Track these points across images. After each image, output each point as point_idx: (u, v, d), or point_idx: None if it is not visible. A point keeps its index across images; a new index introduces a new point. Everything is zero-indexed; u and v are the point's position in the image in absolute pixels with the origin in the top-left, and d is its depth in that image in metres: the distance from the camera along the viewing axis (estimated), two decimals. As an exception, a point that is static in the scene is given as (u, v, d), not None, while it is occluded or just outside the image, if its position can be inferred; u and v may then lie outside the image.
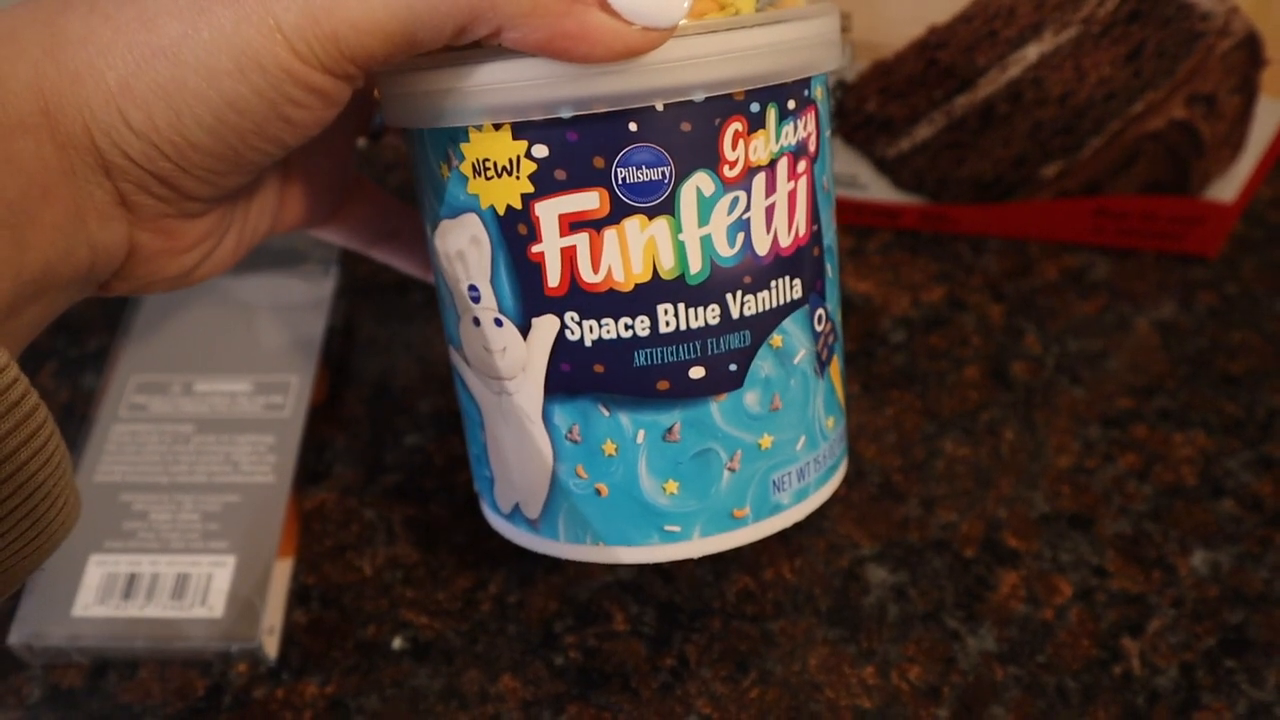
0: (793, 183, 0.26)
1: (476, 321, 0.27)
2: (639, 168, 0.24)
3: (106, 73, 0.21)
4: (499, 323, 0.26)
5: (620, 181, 0.24)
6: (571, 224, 0.24)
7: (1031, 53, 0.37)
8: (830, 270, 0.28)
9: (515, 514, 0.29)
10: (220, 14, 0.21)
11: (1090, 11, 0.35)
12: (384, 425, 0.38)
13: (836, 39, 0.25)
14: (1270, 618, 0.34)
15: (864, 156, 0.41)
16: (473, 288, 0.27)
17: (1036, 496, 0.36)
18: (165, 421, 0.36)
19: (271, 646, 0.32)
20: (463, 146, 0.25)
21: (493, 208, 0.25)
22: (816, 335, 0.28)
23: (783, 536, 0.35)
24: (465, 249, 0.26)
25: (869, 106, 0.39)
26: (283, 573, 0.34)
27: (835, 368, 0.29)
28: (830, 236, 0.28)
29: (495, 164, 0.24)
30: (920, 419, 0.38)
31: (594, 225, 0.24)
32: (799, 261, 0.26)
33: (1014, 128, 0.39)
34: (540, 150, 0.24)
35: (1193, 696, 0.32)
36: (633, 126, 0.23)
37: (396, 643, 0.33)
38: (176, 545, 0.33)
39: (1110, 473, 0.37)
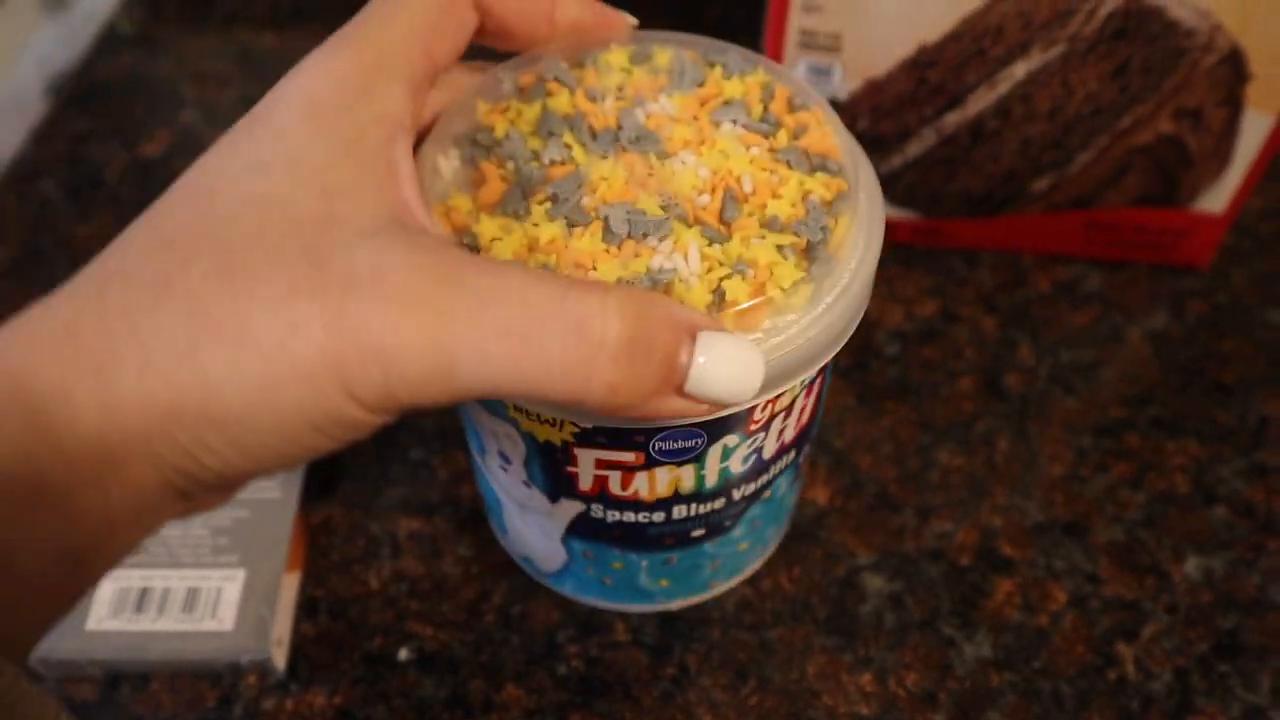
0: (807, 400, 0.28)
1: (506, 470, 0.29)
2: (675, 440, 0.26)
3: (192, 387, 0.19)
4: (528, 485, 0.29)
5: (656, 450, 0.26)
6: (606, 465, 0.27)
7: (1020, 70, 0.37)
8: (819, 417, 0.31)
9: (527, 560, 0.34)
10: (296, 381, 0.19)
11: (1076, 29, 0.36)
12: (388, 440, 0.39)
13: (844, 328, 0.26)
14: (1263, 622, 0.34)
15: (858, 173, 0.42)
16: (504, 456, 0.29)
17: (1030, 505, 0.37)
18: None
19: (280, 658, 0.33)
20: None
21: (533, 435, 0.27)
22: (798, 472, 0.32)
23: (781, 546, 0.36)
24: (500, 435, 0.28)
25: (861, 124, 0.40)
26: (291, 586, 0.35)
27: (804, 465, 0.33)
28: (822, 402, 0.31)
29: (540, 416, 0.26)
30: (915, 430, 0.39)
31: (628, 470, 0.27)
32: (800, 440, 0.30)
33: (1004, 143, 0.40)
34: (586, 424, 0.25)
35: (1187, 701, 0.33)
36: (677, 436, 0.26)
37: (402, 653, 0.34)
38: (187, 560, 0.34)
39: (1103, 481, 0.38)
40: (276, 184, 0.20)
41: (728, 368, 0.20)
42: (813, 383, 0.27)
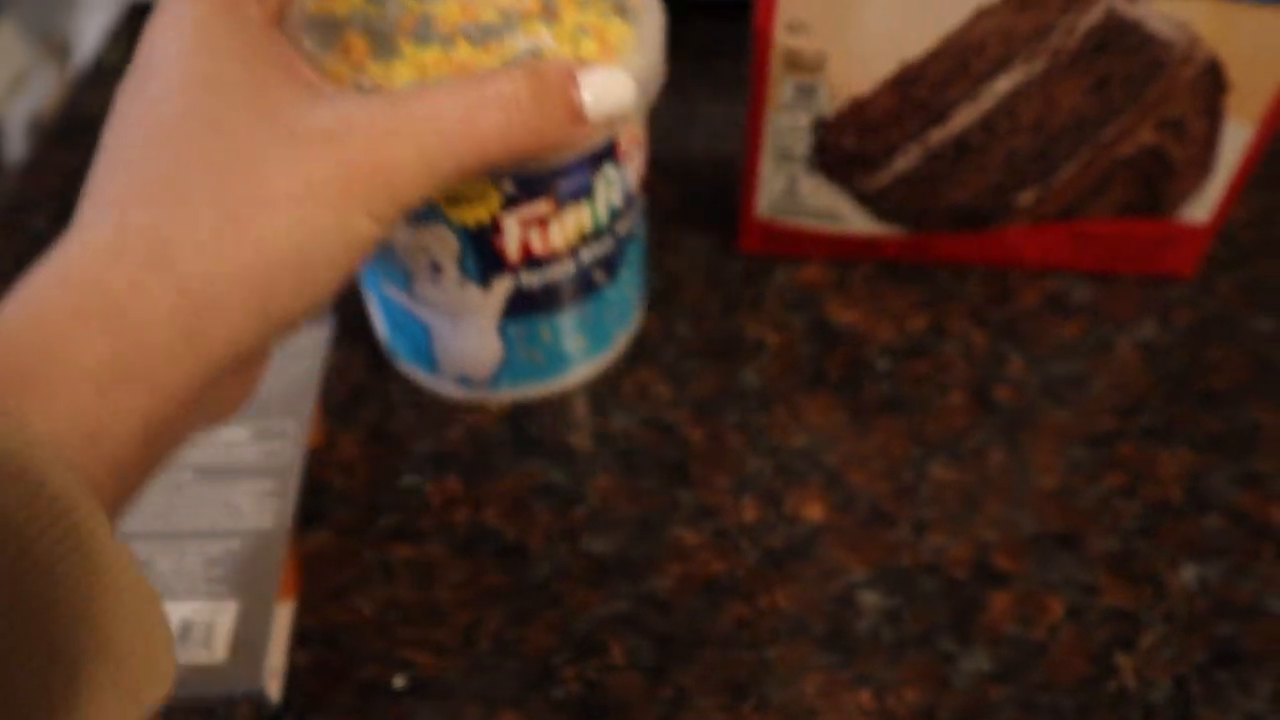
0: (644, 138, 0.36)
1: (435, 283, 0.35)
2: (574, 176, 0.33)
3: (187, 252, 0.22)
4: (462, 283, 0.35)
5: (561, 191, 0.33)
6: (527, 223, 0.34)
7: (1002, 85, 0.38)
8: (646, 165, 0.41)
9: (462, 379, 0.40)
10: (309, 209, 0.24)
11: (1057, 44, 0.36)
12: (380, 467, 0.39)
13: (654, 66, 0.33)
14: (1260, 628, 0.34)
15: (845, 191, 0.42)
16: (435, 265, 0.35)
17: (1024, 517, 0.37)
18: (165, 470, 0.37)
19: (275, 689, 0.33)
20: None
21: (464, 223, 0.33)
22: (646, 216, 0.41)
23: (776, 564, 0.36)
24: (431, 244, 0.34)
25: (847, 143, 0.40)
26: (284, 615, 0.35)
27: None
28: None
29: (469, 196, 0.32)
30: (907, 444, 0.39)
31: (543, 221, 0.34)
32: (640, 187, 0.37)
33: (989, 157, 0.40)
34: (508, 186, 0.32)
35: (1186, 709, 0.33)
36: (571, 160, 0.33)
37: (398, 681, 0.33)
38: (180, 592, 0.34)
39: (1097, 491, 0.38)
40: (211, 91, 0.24)
41: (607, 88, 0.27)
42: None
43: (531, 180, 0.32)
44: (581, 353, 0.40)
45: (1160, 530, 0.37)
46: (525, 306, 0.36)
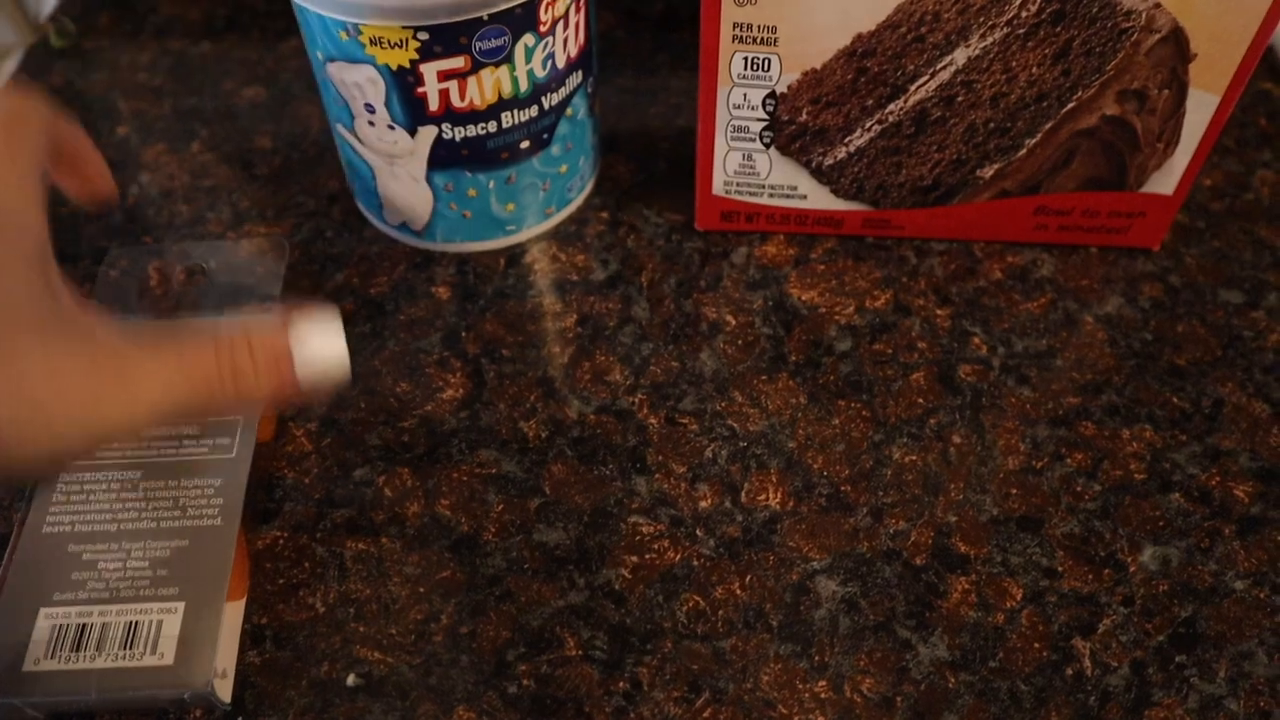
0: (577, 16, 0.39)
1: (372, 124, 0.39)
2: (489, 39, 0.36)
3: None
4: (391, 128, 0.39)
5: (477, 50, 0.36)
6: (445, 75, 0.37)
7: (960, 57, 0.37)
8: (594, 48, 0.42)
9: (403, 228, 0.44)
10: None
11: (1015, 13, 0.35)
12: (332, 460, 0.38)
13: None
14: (1220, 610, 0.34)
15: (802, 166, 0.41)
16: (369, 106, 0.38)
17: (985, 500, 0.37)
18: (113, 469, 0.36)
19: (225, 690, 0.32)
20: (362, 25, 0.35)
21: (387, 65, 0.36)
22: (589, 96, 0.43)
23: (732, 553, 0.35)
24: (362, 83, 0.37)
25: (802, 117, 0.39)
26: (235, 614, 0.34)
27: (597, 105, 0.45)
28: (594, 28, 0.41)
29: (389, 40, 0.35)
30: (868, 427, 0.38)
31: (461, 76, 0.37)
32: (582, 60, 0.41)
33: (948, 131, 0.39)
34: (424, 35, 0.35)
35: (1144, 694, 0.32)
36: (485, 15, 0.35)
37: (350, 679, 0.33)
38: (126, 594, 0.33)
39: (1059, 472, 0.37)
40: None
41: (319, 351, 0.28)
42: (581, 4, 0.39)
43: (445, 35, 0.35)
44: (512, 219, 0.43)
45: (1121, 511, 0.36)
46: (449, 160, 0.40)
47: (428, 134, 0.39)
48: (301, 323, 0.28)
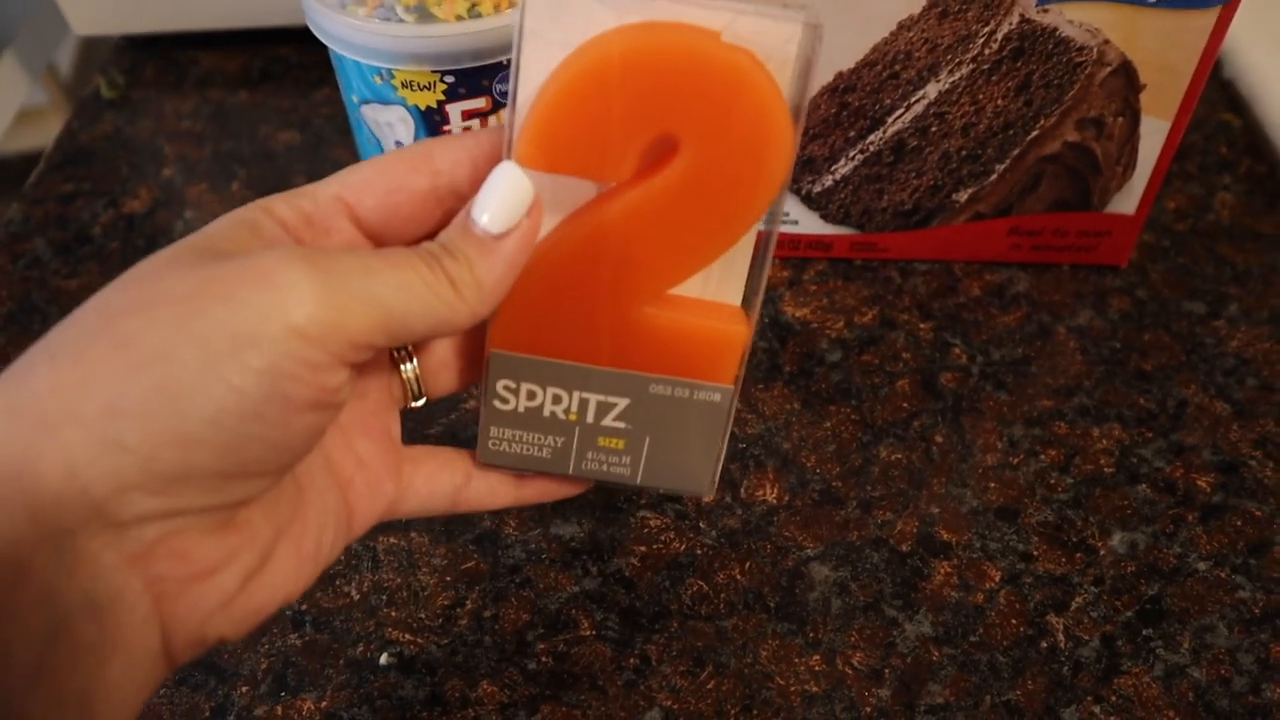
0: None
1: None
2: (507, 81, 0.39)
3: (86, 406, 0.21)
4: None
5: (497, 91, 0.40)
6: (468, 114, 0.40)
7: (931, 91, 0.41)
8: None
9: None
10: (216, 309, 0.21)
11: (978, 51, 0.39)
12: (366, 464, 0.41)
13: None
14: (1183, 588, 0.37)
15: (793, 194, 0.45)
16: (399, 143, 0.42)
17: (966, 493, 0.40)
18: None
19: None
20: (395, 70, 0.39)
21: (416, 106, 0.40)
22: None
23: (733, 543, 0.38)
24: (394, 122, 0.41)
25: (792, 148, 0.43)
26: (277, 603, 0.37)
27: None
28: None
29: (418, 83, 0.39)
30: (857, 429, 0.42)
31: (482, 115, 0.41)
32: None
33: (925, 159, 0.43)
34: (450, 78, 0.39)
35: (1114, 664, 0.35)
36: (504, 60, 0.39)
37: (383, 659, 0.36)
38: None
39: (1034, 467, 0.40)
40: (177, 262, 0.23)
41: (502, 199, 0.25)
42: None
43: (469, 78, 0.39)
44: None
45: (1092, 501, 0.39)
46: None
47: None
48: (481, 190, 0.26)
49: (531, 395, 0.30)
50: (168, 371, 0.21)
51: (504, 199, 0.25)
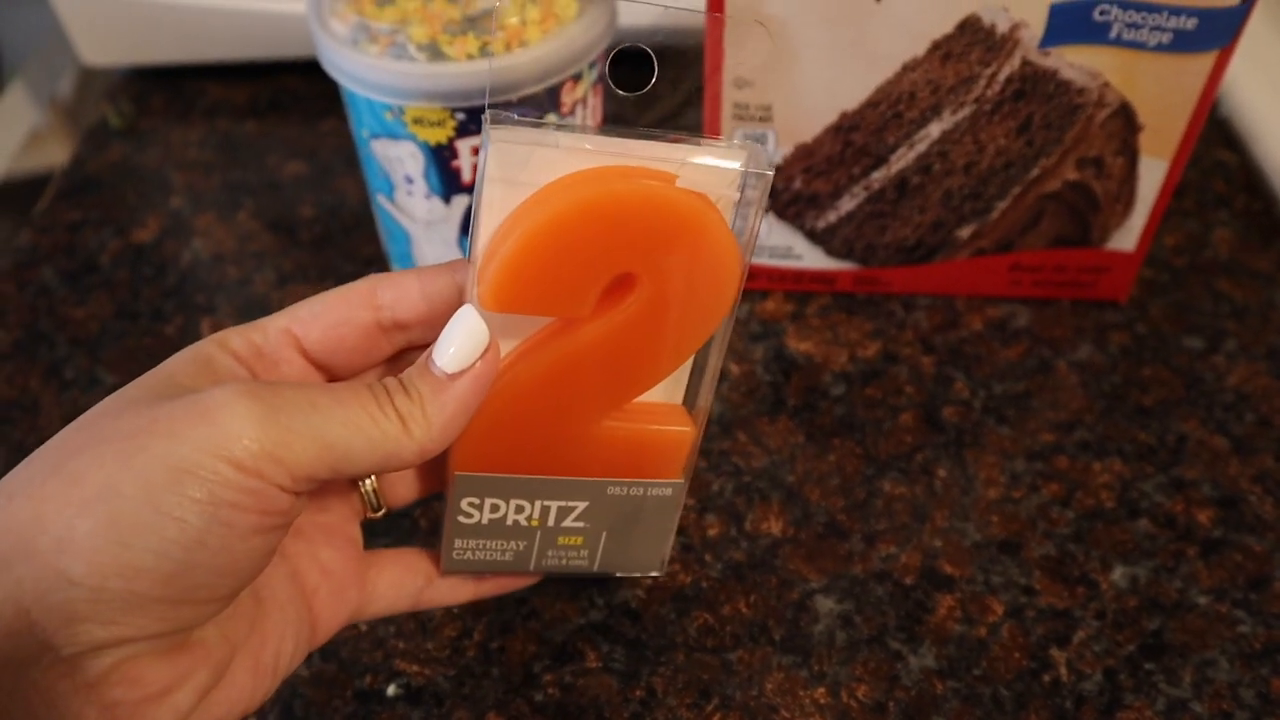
0: (595, 99, 0.44)
1: (410, 194, 0.43)
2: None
3: (37, 542, 0.22)
4: (428, 197, 0.43)
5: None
6: (477, 150, 0.41)
7: (934, 130, 0.41)
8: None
9: None
10: (157, 444, 0.22)
11: (980, 92, 0.40)
12: (373, 495, 0.42)
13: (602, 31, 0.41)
14: (1184, 623, 0.37)
15: (797, 229, 0.45)
16: (408, 178, 0.42)
17: (968, 527, 0.40)
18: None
19: (276, 701, 0.35)
20: (406, 106, 0.39)
21: (426, 142, 0.41)
22: None
23: (738, 575, 0.39)
24: (404, 157, 0.42)
25: (796, 185, 0.43)
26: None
27: None
28: (607, 109, 0.47)
29: (429, 120, 0.40)
30: (860, 463, 0.42)
31: None
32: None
33: (927, 196, 0.43)
34: (460, 115, 0.40)
35: (1116, 698, 0.35)
36: (514, 98, 0.39)
37: (391, 690, 0.36)
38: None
39: (1035, 501, 0.41)
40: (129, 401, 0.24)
41: (460, 342, 0.26)
42: (597, 84, 0.43)
43: (479, 115, 0.39)
44: None
45: (1093, 535, 0.40)
46: None
47: (461, 202, 0.43)
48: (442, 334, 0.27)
49: (495, 508, 0.31)
50: (113, 505, 0.22)
51: (462, 343, 0.26)
